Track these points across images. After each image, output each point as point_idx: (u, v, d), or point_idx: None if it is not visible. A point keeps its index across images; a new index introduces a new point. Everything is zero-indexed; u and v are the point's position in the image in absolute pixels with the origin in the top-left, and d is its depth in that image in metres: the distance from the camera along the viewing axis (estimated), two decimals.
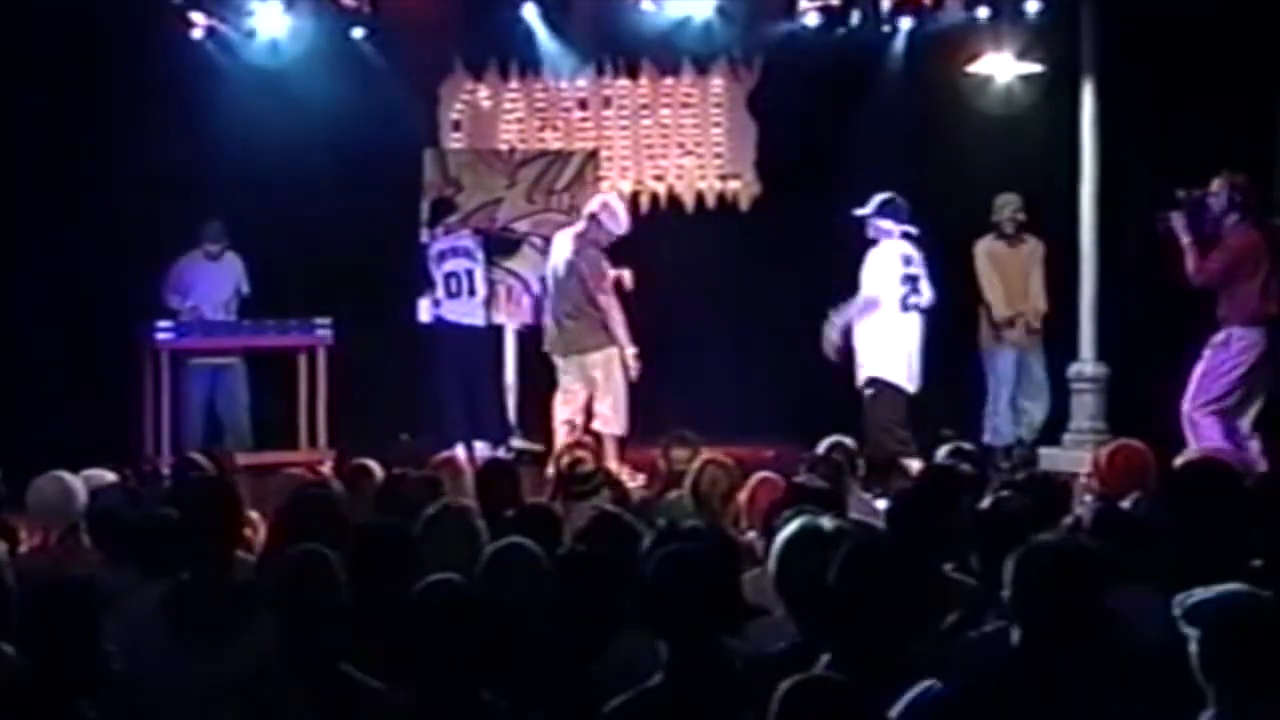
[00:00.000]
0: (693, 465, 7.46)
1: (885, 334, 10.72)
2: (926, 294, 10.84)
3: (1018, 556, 4.25)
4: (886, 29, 12.62)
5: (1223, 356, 9.70)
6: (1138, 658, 4.51)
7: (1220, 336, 9.74)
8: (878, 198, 10.82)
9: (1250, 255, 9.73)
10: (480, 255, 11.93)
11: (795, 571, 4.47)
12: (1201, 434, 9.46)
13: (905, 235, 10.84)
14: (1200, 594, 3.94)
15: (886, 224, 10.79)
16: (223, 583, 5.13)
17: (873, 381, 10.70)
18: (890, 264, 10.75)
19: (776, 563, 4.59)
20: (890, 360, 10.72)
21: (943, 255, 11.44)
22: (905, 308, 10.77)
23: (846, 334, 10.75)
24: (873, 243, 10.84)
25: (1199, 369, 9.77)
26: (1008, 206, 11.78)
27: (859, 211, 10.84)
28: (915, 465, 9.71)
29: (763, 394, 12.60)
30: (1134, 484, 6.71)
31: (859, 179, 12.26)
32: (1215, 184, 9.85)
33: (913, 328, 10.81)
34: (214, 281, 11.92)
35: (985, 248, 11.83)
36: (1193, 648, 3.85)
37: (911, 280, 10.78)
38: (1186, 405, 9.65)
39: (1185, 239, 9.79)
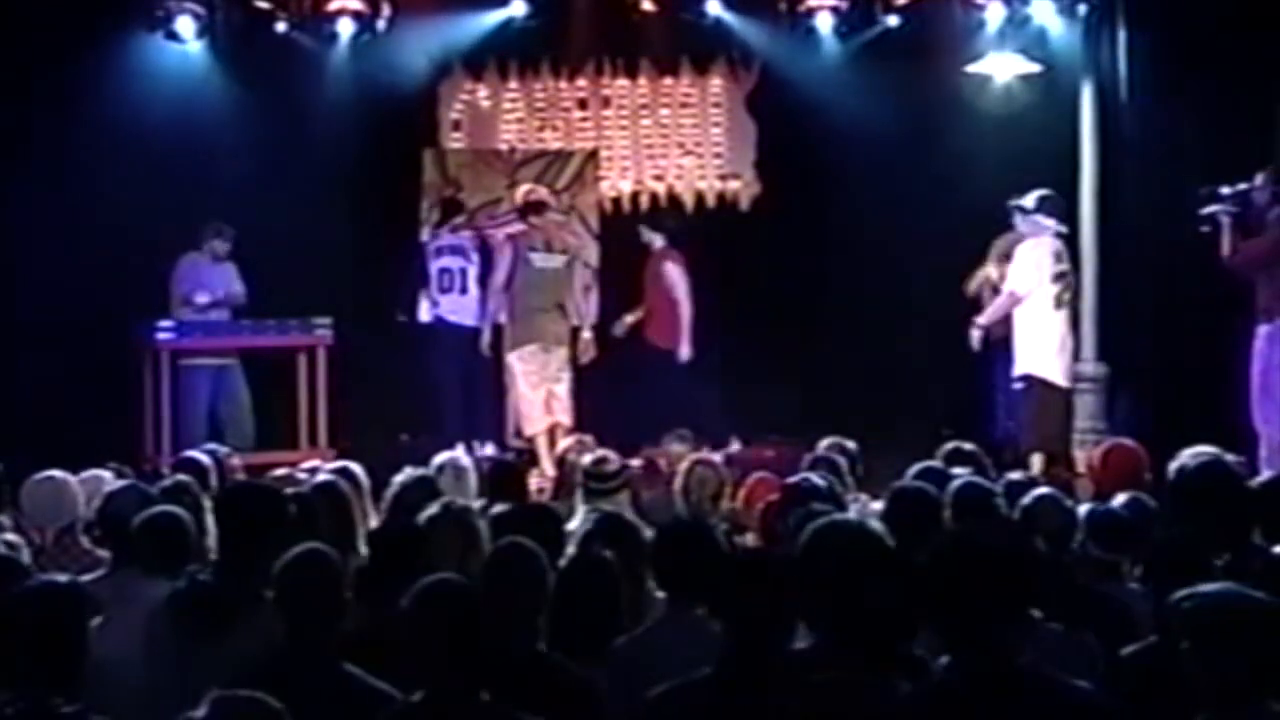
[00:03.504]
0: (682, 465, 7.47)
1: (1039, 331, 10.65)
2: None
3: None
4: (886, 27, 12.63)
5: (1272, 354, 9.66)
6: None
7: (1266, 331, 9.68)
8: (1037, 193, 10.69)
9: None
10: (475, 256, 11.94)
11: (824, 568, 4.38)
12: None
13: (1058, 234, 10.77)
14: (1192, 594, 3.92)
15: (1049, 221, 10.67)
16: (229, 582, 5.13)
17: (1025, 378, 10.67)
18: (1044, 261, 10.63)
19: (803, 560, 4.49)
20: (1043, 357, 10.65)
21: (942, 255, 11.45)
22: (1059, 305, 10.69)
23: (986, 336, 10.75)
24: (1011, 229, 10.76)
25: (1256, 369, 9.71)
26: None
27: (1015, 201, 10.71)
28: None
29: (763, 394, 12.59)
30: (1128, 483, 6.73)
31: (858, 179, 12.30)
32: (1259, 178, 9.89)
33: (1065, 324, 10.75)
34: (216, 284, 11.89)
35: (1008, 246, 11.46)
36: (1185, 648, 3.85)
37: (1063, 277, 10.71)
38: (1261, 426, 9.55)
39: (1225, 223, 9.79)
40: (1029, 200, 10.71)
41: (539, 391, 11.28)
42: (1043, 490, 6.02)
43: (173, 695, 4.30)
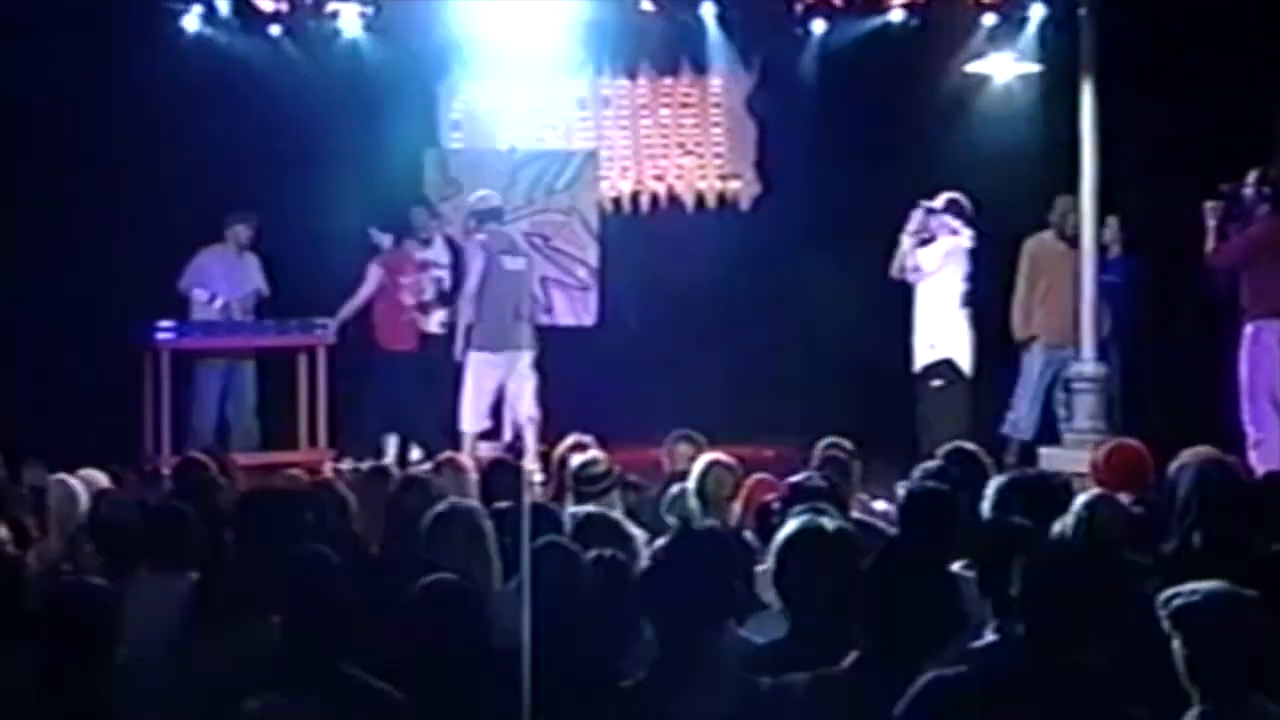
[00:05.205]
0: (697, 465, 7.46)
1: (951, 326, 10.97)
2: None
3: (1026, 560, 4.21)
4: (886, 27, 12.64)
5: (1257, 355, 9.68)
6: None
7: (1249, 332, 9.70)
8: (945, 195, 11.01)
9: (1271, 243, 9.70)
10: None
11: (794, 569, 4.48)
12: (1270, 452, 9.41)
13: (969, 235, 11.00)
14: (1183, 593, 3.94)
15: (956, 223, 10.97)
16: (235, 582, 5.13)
17: (942, 374, 10.92)
18: (958, 260, 10.99)
19: (776, 560, 4.59)
20: (959, 352, 10.98)
21: None
22: (965, 303, 11.01)
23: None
24: (931, 237, 11.05)
25: (1243, 371, 9.71)
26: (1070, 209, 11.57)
27: (926, 203, 11.03)
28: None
29: (763, 394, 12.60)
30: (1132, 483, 6.72)
31: (859, 179, 12.30)
32: (1250, 177, 9.88)
33: (969, 321, 11.06)
34: (239, 276, 11.83)
35: (1041, 248, 11.52)
36: (1176, 647, 3.87)
37: (972, 279, 11.03)
38: (1250, 429, 9.60)
39: (1211, 223, 9.80)
40: (937, 202, 11.03)
41: (492, 394, 11.25)
42: (1099, 491, 5.99)
43: (187, 695, 4.32)
